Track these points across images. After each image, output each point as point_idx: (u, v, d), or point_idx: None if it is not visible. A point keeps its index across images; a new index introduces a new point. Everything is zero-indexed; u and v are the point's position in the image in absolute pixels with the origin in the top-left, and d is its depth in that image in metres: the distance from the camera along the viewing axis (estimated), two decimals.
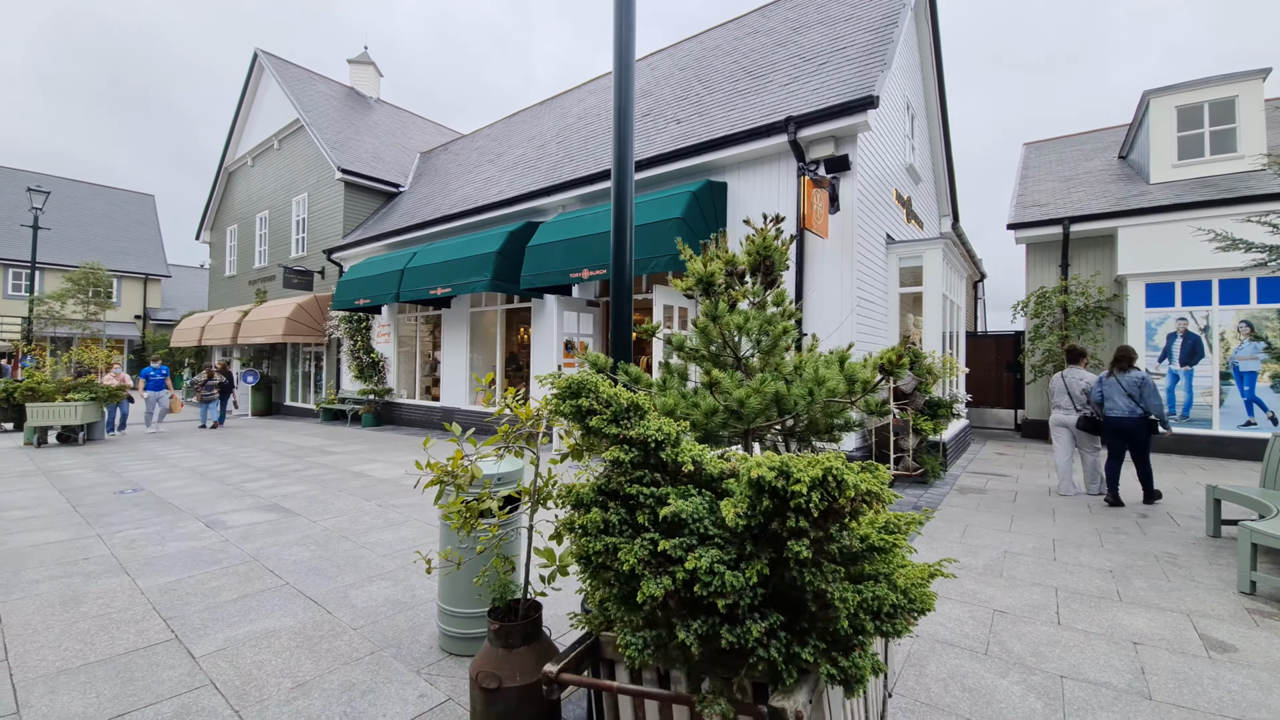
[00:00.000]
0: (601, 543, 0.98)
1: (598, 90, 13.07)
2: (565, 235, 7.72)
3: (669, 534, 0.99)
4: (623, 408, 1.07)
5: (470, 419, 10.85)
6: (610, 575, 1.04)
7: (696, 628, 0.95)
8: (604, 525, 0.99)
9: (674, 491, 1.00)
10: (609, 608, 1.08)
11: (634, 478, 1.03)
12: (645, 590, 0.94)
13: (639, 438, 1.03)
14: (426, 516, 4.89)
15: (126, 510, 5.12)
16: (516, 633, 1.90)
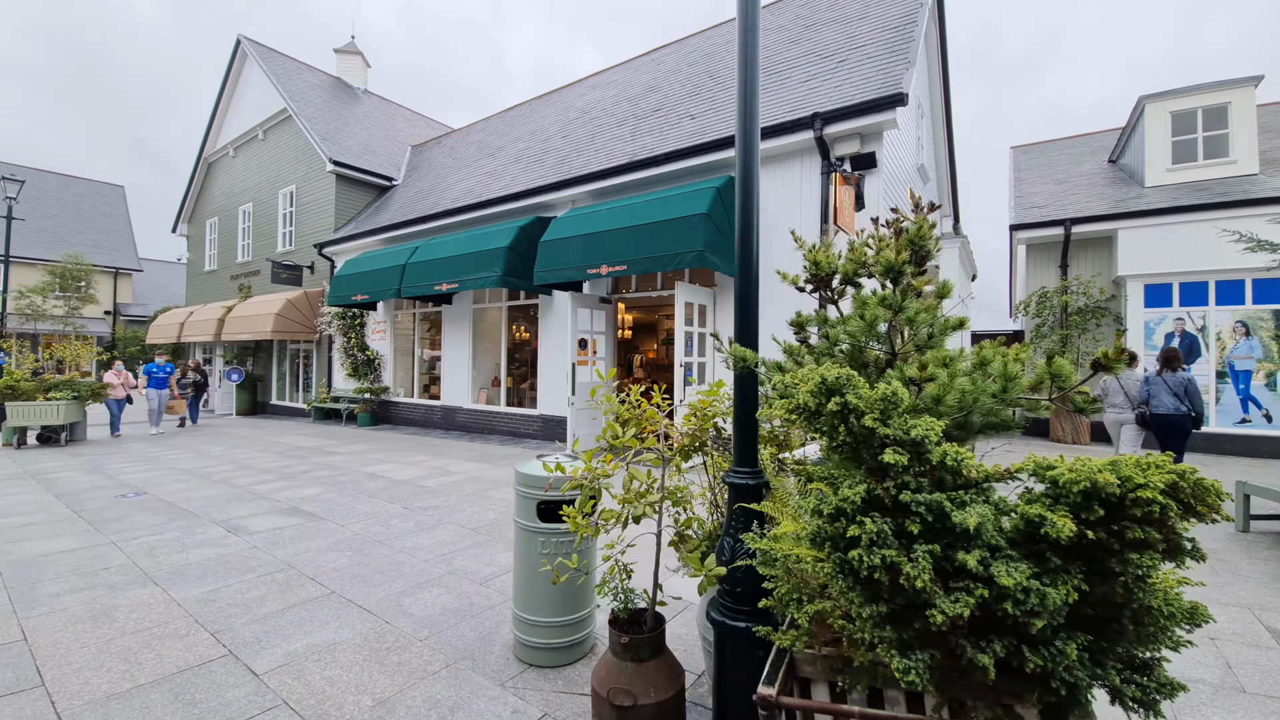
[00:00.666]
0: (877, 556, 0.88)
1: (600, 85, 12.89)
2: (581, 230, 7.57)
3: (949, 546, 0.90)
4: (888, 405, 0.97)
5: (474, 419, 10.62)
6: (872, 590, 0.94)
7: (997, 649, 0.86)
8: (876, 537, 0.89)
9: (945, 498, 0.91)
10: (857, 626, 0.97)
11: (901, 483, 0.93)
12: (942, 609, 0.84)
13: (915, 438, 0.93)
14: (458, 519, 4.71)
15: (135, 515, 4.83)
16: (646, 645, 1.79)
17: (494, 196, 9.89)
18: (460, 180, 12.41)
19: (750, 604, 1.82)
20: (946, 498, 0.92)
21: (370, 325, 13.03)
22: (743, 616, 1.81)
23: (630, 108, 10.42)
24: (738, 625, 1.80)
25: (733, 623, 1.82)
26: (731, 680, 1.82)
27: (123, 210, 30.34)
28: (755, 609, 1.82)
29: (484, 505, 5.16)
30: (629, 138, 9.22)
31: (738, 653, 1.82)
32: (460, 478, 6.38)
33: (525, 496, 2.59)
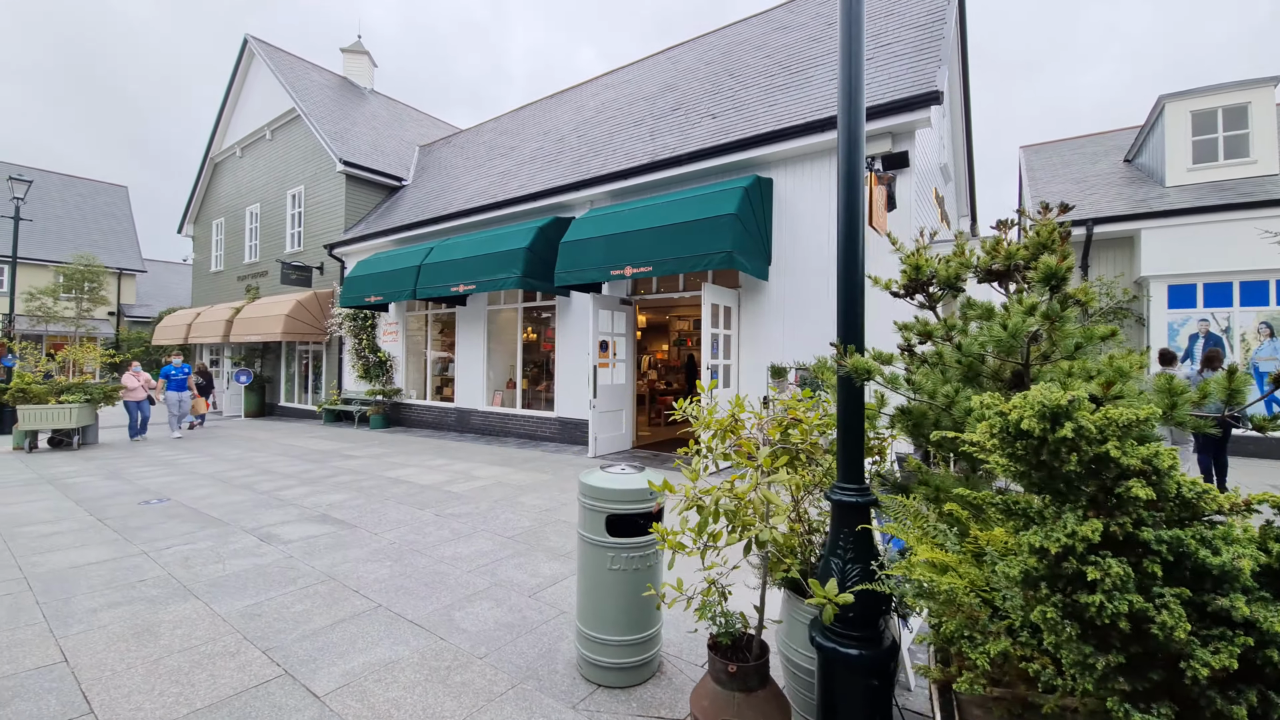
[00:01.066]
0: (1123, 603, 0.78)
1: (614, 84, 12.79)
2: (603, 231, 7.47)
3: (1195, 588, 0.80)
4: (1124, 430, 0.87)
5: (489, 421, 10.51)
6: (1103, 638, 0.84)
7: (1251, 699, 0.76)
8: (1120, 581, 0.79)
9: (1189, 535, 0.81)
10: (1072, 674, 0.87)
11: (1138, 518, 0.83)
12: (1204, 661, 0.74)
13: (1157, 467, 0.83)
14: (493, 527, 4.61)
15: (163, 523, 4.73)
16: (754, 674, 1.69)
17: (510, 197, 9.79)
18: (473, 180, 12.30)
19: (865, 630, 1.72)
20: (1190, 534, 0.82)
21: (382, 326, 12.92)
22: (855, 643, 1.71)
23: (647, 107, 10.32)
24: (850, 653, 1.70)
25: (844, 650, 1.71)
26: (843, 710, 1.72)
27: (126, 211, 30.21)
28: (871, 635, 1.72)
29: (516, 512, 5.05)
30: (648, 137, 9.12)
31: (850, 682, 1.72)
32: (486, 483, 6.28)
33: (593, 509, 2.49)
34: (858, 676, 1.71)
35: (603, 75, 13.89)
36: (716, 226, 6.39)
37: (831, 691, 1.75)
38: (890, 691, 1.72)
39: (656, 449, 8.68)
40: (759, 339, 7.25)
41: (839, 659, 1.72)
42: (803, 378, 6.35)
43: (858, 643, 1.71)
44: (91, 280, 15.03)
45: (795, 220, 7.04)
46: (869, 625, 1.73)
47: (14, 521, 4.79)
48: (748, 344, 7.34)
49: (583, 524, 2.54)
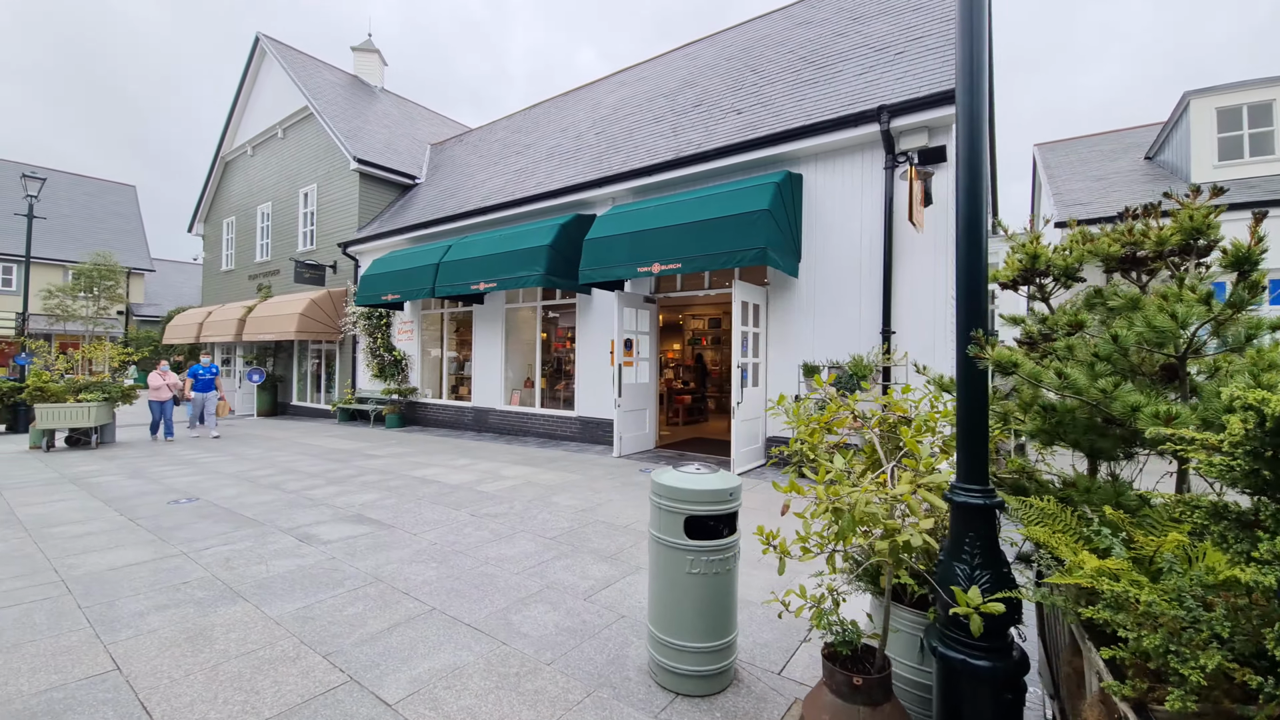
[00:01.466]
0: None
1: (630, 81, 12.70)
2: (629, 228, 7.37)
3: None
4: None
5: (507, 420, 10.43)
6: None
7: None
8: None
9: None
10: None
11: None
12: None
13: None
14: (532, 528, 4.51)
15: (196, 523, 4.64)
16: (879, 688, 1.59)
17: (529, 194, 9.70)
18: (489, 178, 12.22)
19: (995, 640, 1.62)
20: None
21: (396, 325, 12.84)
22: (985, 654, 1.61)
23: (667, 103, 10.22)
24: (980, 664, 1.60)
25: (974, 661, 1.61)
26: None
27: (134, 210, 30.23)
28: (1002, 645, 1.62)
29: (552, 513, 4.96)
30: (670, 134, 9.02)
31: (978, 694, 1.62)
32: (515, 482, 6.19)
33: (670, 510, 2.39)
34: (987, 689, 1.61)
35: (617, 72, 13.80)
36: (749, 222, 6.29)
37: (957, 706, 1.65)
38: (1022, 705, 1.62)
39: (681, 448, 8.58)
40: (788, 337, 7.15)
41: (967, 671, 1.62)
42: (837, 376, 6.24)
43: (988, 653, 1.61)
44: (108, 279, 14.94)
45: (825, 216, 6.93)
46: (1000, 634, 1.63)
47: (43, 522, 4.71)
48: (776, 342, 7.24)
49: (657, 525, 2.45)
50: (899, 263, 6.44)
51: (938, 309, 6.19)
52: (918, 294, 6.33)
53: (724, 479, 2.44)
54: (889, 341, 6.37)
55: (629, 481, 6.27)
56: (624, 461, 7.52)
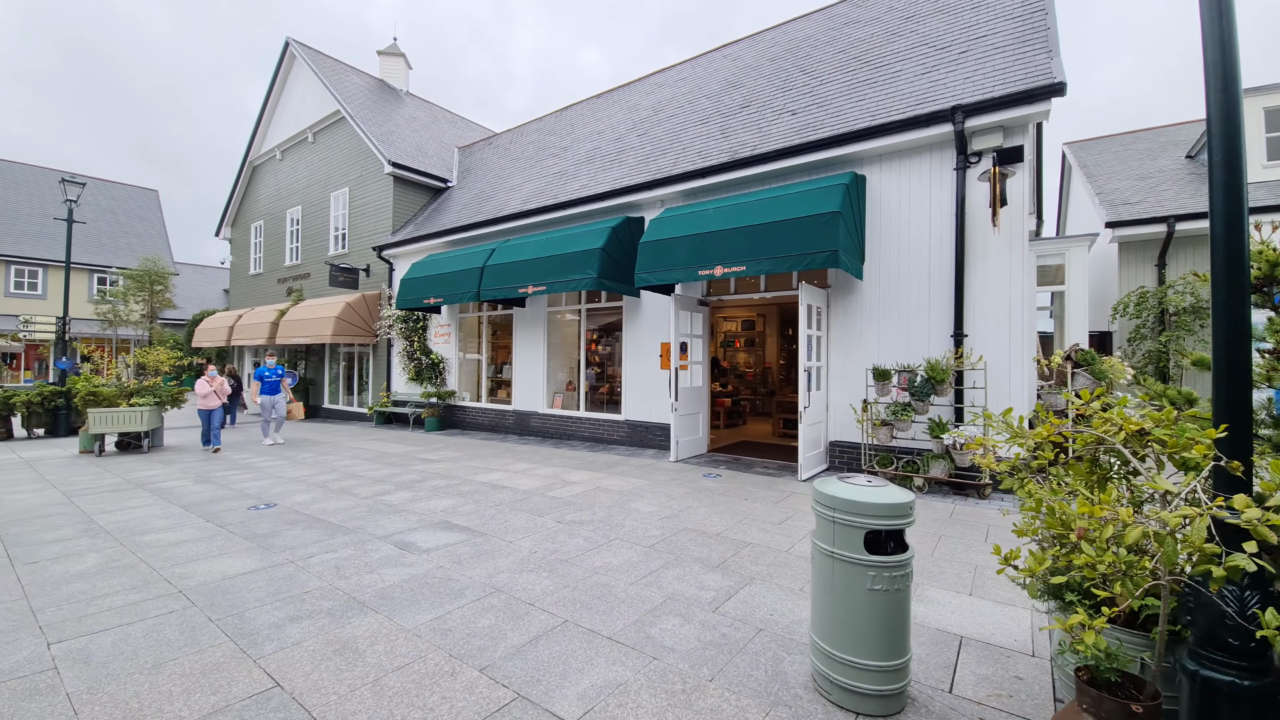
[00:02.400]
0: None
1: (668, 83, 12.65)
2: (688, 230, 7.31)
3: None
4: None
5: (550, 424, 10.40)
6: None
7: None
8: None
9: None
10: None
11: None
12: None
13: None
14: (624, 536, 4.46)
15: (287, 529, 4.62)
16: (1157, 715, 1.51)
17: (575, 197, 9.66)
18: (526, 181, 12.21)
19: (1257, 659, 1.55)
20: None
21: (433, 329, 12.85)
22: (1249, 673, 1.54)
23: (712, 105, 10.16)
24: (1247, 683, 1.54)
25: (1242, 680, 1.55)
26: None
27: (157, 214, 30.52)
28: (1265, 664, 1.55)
29: (637, 520, 4.90)
30: (719, 135, 8.96)
31: (1238, 713, 1.55)
32: (585, 488, 6.13)
33: (848, 524, 2.32)
34: (1249, 707, 1.54)
35: (653, 74, 13.75)
36: (821, 225, 6.22)
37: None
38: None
39: (734, 453, 8.50)
40: (850, 341, 7.06)
41: (1233, 691, 1.55)
42: (909, 381, 6.15)
43: (1253, 673, 1.55)
44: (158, 282, 15.03)
45: (890, 217, 6.85)
46: (1262, 654, 1.56)
47: (130, 529, 4.71)
48: (838, 346, 7.16)
49: (830, 540, 2.38)
50: (971, 264, 6.34)
51: (1013, 311, 6.10)
52: (990, 296, 6.23)
53: (899, 493, 2.38)
54: (961, 345, 6.28)
55: (697, 487, 6.21)
56: (684, 466, 7.45)
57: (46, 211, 26.74)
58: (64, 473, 7.35)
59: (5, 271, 24.42)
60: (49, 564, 3.83)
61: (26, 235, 25.21)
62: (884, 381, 6.30)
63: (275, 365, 10.20)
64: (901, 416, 6.08)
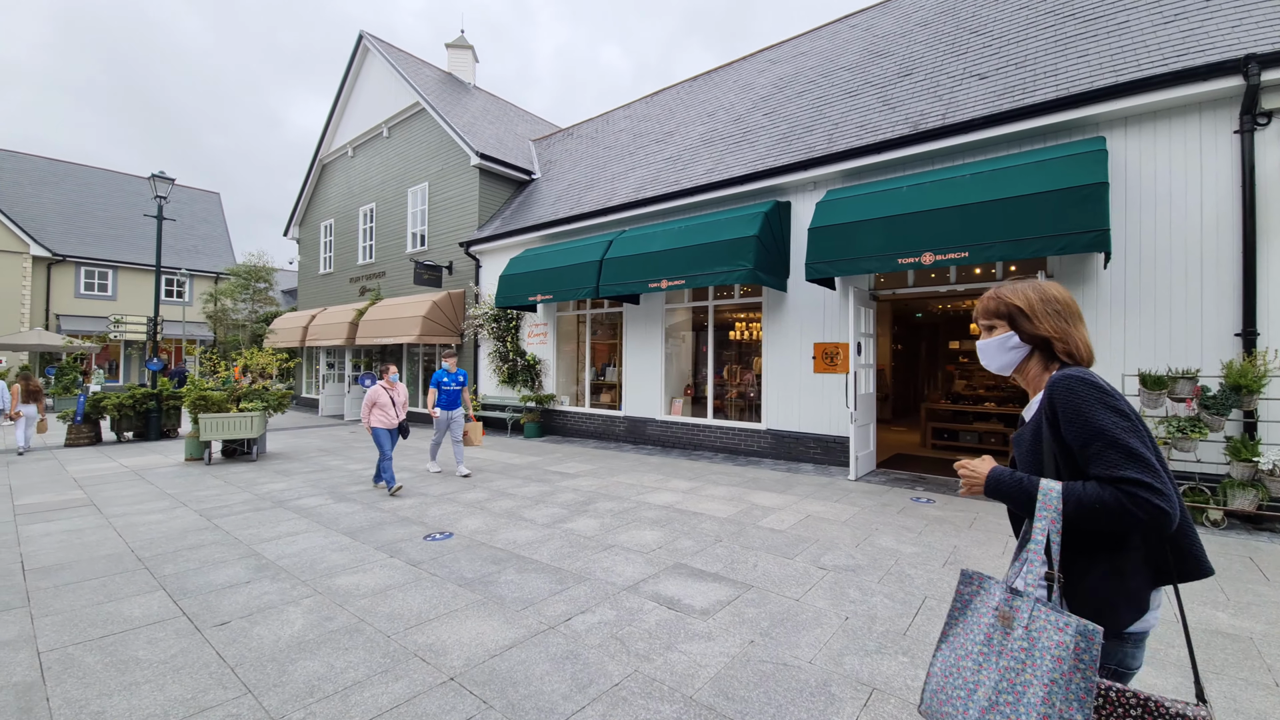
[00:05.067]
0: None
1: (783, 59, 11.62)
2: (881, 212, 6.30)
3: None
4: None
5: (670, 433, 9.48)
6: None
7: None
8: None
9: None
10: None
11: None
12: None
13: None
14: (929, 591, 3.47)
15: (499, 572, 3.77)
16: None
17: (710, 181, 8.71)
18: (631, 169, 11.33)
19: None
20: None
21: (526, 328, 12.09)
22: None
23: (856, 76, 9.10)
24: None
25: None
26: None
27: (219, 216, 30.85)
28: None
29: (916, 568, 3.92)
30: (882, 107, 7.90)
31: None
32: (792, 515, 5.17)
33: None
34: None
35: (759, 51, 12.74)
36: (1083, 200, 5.13)
37: None
38: None
39: (900, 468, 7.44)
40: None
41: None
42: (1203, 389, 5.00)
43: None
44: (262, 279, 14.67)
45: (1140, 192, 5.70)
46: None
47: (311, 567, 3.94)
48: None
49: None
50: (1267, 246, 5.15)
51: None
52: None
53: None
54: (1255, 346, 5.10)
55: (926, 515, 5.18)
56: (872, 486, 6.43)
57: (113, 214, 27.19)
58: (182, 485, 6.75)
59: (75, 273, 24.79)
60: (244, 625, 3.04)
61: (93, 237, 25.59)
62: (1158, 391, 5.16)
63: (457, 369, 7.43)
64: (1191, 434, 4.93)
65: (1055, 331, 1.31)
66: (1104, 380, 1.21)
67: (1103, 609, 1.15)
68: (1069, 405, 1.19)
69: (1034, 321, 1.34)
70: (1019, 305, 1.36)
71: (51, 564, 4.00)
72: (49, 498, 6.11)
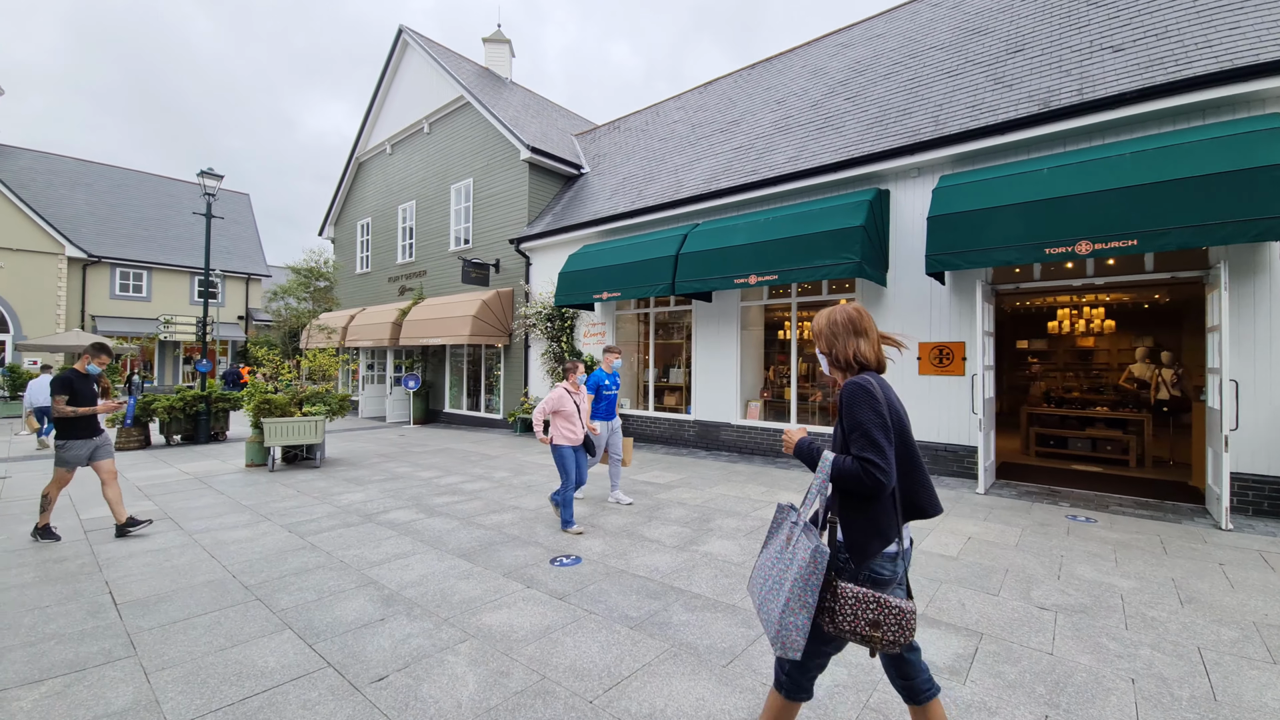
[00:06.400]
0: None
1: (857, 41, 11.00)
2: (1021, 197, 5.68)
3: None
4: None
5: (748, 439, 8.91)
6: None
7: None
8: None
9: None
10: None
11: None
12: None
13: None
14: (1175, 637, 2.87)
15: (673, 611, 3.24)
16: None
17: (800, 169, 8.11)
18: (695, 159, 10.78)
19: None
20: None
21: (582, 327, 11.59)
22: None
23: (949, 55, 8.47)
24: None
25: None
26: None
27: (249, 217, 30.84)
28: None
29: (1156, 607, 3.31)
30: (993, 85, 7.27)
31: None
32: (956, 539, 4.58)
33: None
34: None
35: (826, 36, 12.13)
36: (1251, 184, 4.49)
37: None
38: None
39: (1020, 479, 6.79)
40: (1270, 339, 5.26)
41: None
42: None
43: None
44: (323, 277, 14.34)
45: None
46: None
47: (445, 600, 3.43)
48: (1242, 346, 5.36)
49: None
50: None
51: None
52: None
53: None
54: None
55: (1101, 539, 4.56)
56: (1011, 501, 5.81)
57: (145, 215, 27.23)
58: (255, 495, 6.32)
59: (110, 274, 24.79)
60: (407, 681, 2.54)
61: (127, 238, 25.59)
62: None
63: (615, 368, 6.03)
64: None
65: (839, 348, 1.78)
66: (875, 387, 1.66)
67: (859, 539, 1.61)
68: (845, 403, 1.66)
69: (827, 342, 1.82)
70: (819, 329, 1.84)
71: (147, 595, 3.54)
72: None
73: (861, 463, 1.55)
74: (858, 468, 1.55)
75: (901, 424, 1.68)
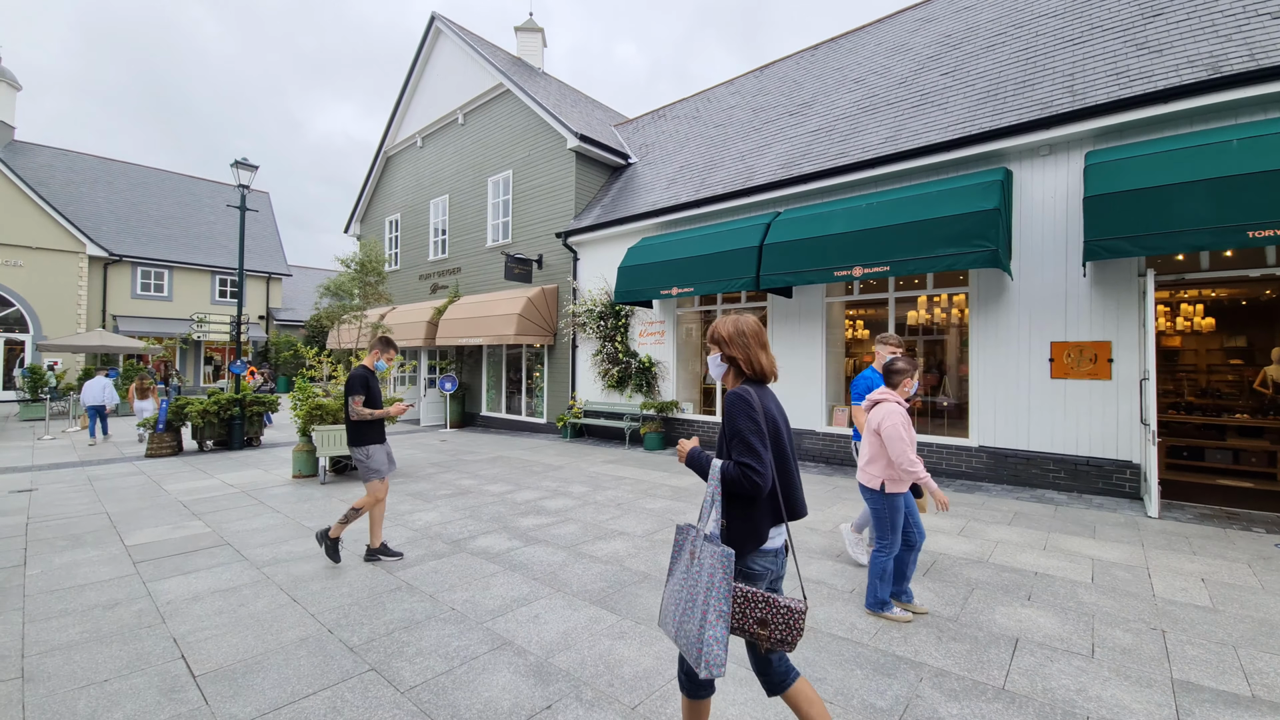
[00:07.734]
0: None
1: (939, 15, 10.17)
2: (1205, 174, 4.86)
3: None
4: None
5: (835, 447, 8.11)
6: None
7: None
8: None
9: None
10: None
11: None
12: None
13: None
14: None
15: (897, 686, 2.47)
16: None
17: (911, 148, 7.26)
18: (764, 144, 9.99)
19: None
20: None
21: (638, 326, 10.83)
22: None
23: (1068, 23, 7.63)
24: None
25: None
26: None
27: (269, 216, 30.37)
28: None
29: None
30: (1135, 51, 6.44)
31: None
32: (1179, 580, 3.77)
33: None
34: None
35: (901, 12, 11.29)
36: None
37: None
38: None
39: (1188, 498, 5.96)
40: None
41: None
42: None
43: None
44: (373, 272, 13.70)
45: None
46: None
47: (602, 665, 2.69)
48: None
49: None
50: None
51: None
52: None
53: None
54: None
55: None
56: (1193, 528, 4.97)
57: (166, 214, 26.80)
58: (316, 514, 5.61)
59: (132, 273, 24.33)
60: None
61: (148, 237, 25.13)
62: None
63: None
64: None
65: (740, 354, 1.89)
66: (754, 397, 1.78)
67: (738, 539, 1.74)
68: (727, 410, 1.81)
69: (729, 347, 1.91)
70: (723, 335, 1.93)
71: (231, 661, 2.81)
72: (165, 533, 5.00)
73: (740, 466, 1.68)
74: (737, 471, 1.69)
75: (778, 430, 1.80)
